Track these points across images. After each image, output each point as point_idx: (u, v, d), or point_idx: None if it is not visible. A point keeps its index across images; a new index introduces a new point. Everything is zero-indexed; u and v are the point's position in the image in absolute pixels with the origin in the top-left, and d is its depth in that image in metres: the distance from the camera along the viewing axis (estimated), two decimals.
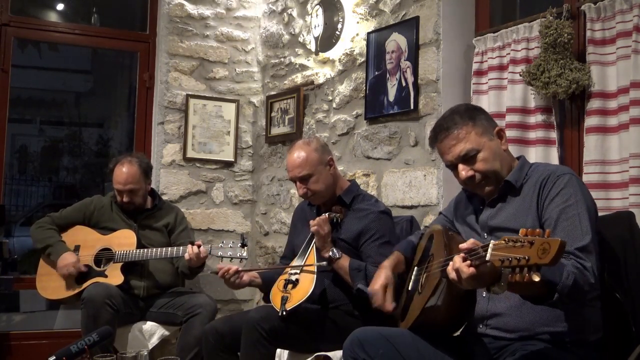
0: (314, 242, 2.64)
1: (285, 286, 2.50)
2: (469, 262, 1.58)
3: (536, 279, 1.42)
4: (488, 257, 1.50)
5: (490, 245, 1.51)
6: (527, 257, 1.41)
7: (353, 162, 3.53)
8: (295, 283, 2.50)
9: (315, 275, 2.50)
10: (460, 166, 1.96)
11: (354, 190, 2.79)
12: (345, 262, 2.58)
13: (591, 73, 2.46)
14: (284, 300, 2.42)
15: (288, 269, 2.63)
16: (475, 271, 1.56)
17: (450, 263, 1.65)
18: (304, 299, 2.43)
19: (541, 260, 1.40)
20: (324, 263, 2.56)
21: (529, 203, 1.89)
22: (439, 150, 2.03)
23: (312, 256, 2.59)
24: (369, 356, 1.90)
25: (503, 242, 1.48)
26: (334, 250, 2.58)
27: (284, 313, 2.39)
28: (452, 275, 1.63)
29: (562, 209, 1.80)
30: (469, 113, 2.00)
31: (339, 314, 2.63)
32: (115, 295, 3.14)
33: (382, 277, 2.13)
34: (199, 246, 3.15)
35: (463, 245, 1.65)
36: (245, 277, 2.76)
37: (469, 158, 1.94)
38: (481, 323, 1.96)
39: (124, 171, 3.43)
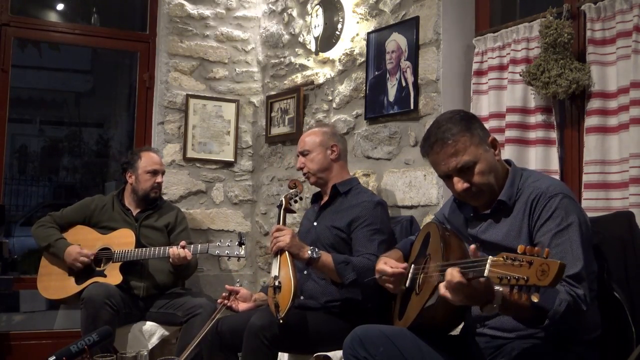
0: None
1: (274, 293, 2.49)
2: (460, 271, 1.58)
3: (535, 299, 1.41)
4: (486, 272, 1.49)
5: (489, 261, 1.50)
6: (526, 277, 1.40)
7: (353, 162, 3.52)
8: (279, 288, 2.48)
9: (291, 275, 2.48)
10: (456, 178, 1.91)
11: (352, 184, 2.87)
12: (327, 258, 2.58)
13: (591, 73, 2.46)
14: (277, 308, 2.43)
15: (272, 277, 2.56)
16: (465, 281, 1.56)
17: (443, 284, 1.64)
18: (290, 301, 2.42)
19: (540, 282, 1.39)
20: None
21: (520, 223, 1.86)
22: (433, 160, 1.96)
23: (284, 257, 2.56)
24: (369, 354, 1.90)
25: (501, 259, 1.47)
26: (310, 251, 2.56)
27: (281, 321, 2.40)
28: (444, 292, 1.63)
29: (554, 234, 1.77)
30: (465, 123, 1.92)
31: (337, 315, 2.63)
32: (115, 295, 3.14)
33: (381, 260, 2.13)
34: (183, 247, 3.18)
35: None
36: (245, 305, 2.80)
37: (465, 169, 1.89)
38: (479, 323, 1.96)
39: (156, 155, 3.63)
